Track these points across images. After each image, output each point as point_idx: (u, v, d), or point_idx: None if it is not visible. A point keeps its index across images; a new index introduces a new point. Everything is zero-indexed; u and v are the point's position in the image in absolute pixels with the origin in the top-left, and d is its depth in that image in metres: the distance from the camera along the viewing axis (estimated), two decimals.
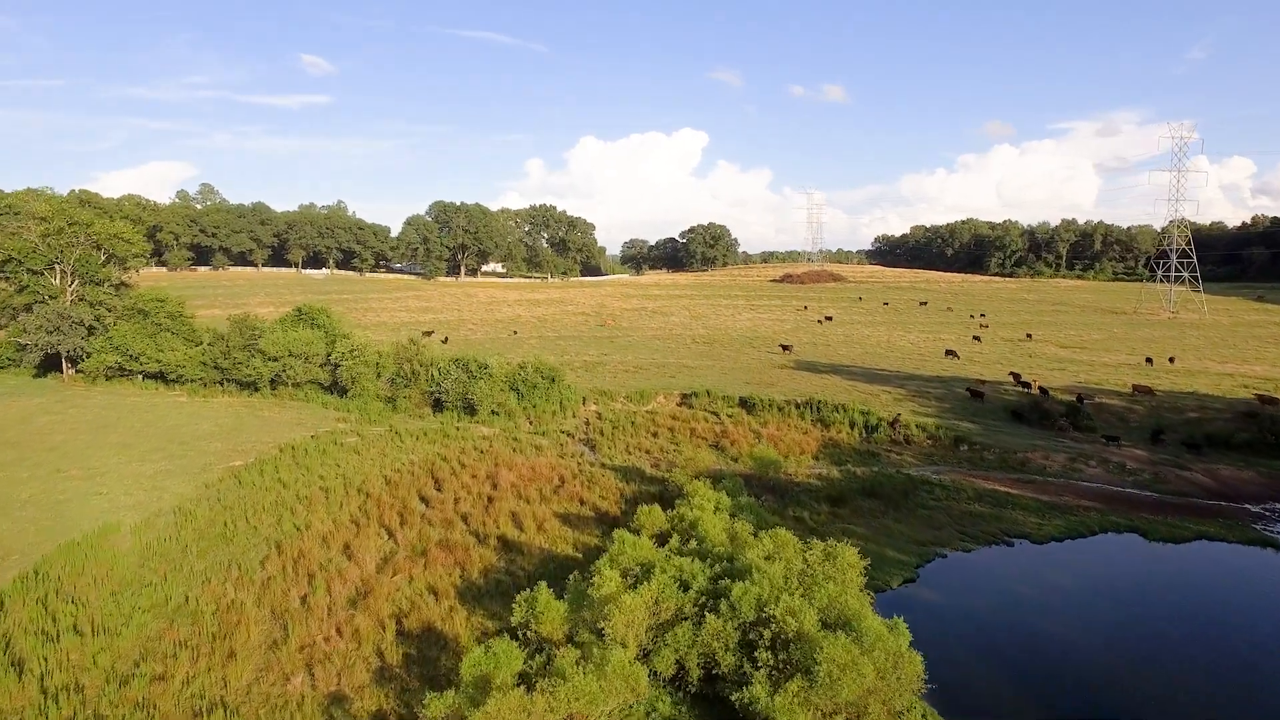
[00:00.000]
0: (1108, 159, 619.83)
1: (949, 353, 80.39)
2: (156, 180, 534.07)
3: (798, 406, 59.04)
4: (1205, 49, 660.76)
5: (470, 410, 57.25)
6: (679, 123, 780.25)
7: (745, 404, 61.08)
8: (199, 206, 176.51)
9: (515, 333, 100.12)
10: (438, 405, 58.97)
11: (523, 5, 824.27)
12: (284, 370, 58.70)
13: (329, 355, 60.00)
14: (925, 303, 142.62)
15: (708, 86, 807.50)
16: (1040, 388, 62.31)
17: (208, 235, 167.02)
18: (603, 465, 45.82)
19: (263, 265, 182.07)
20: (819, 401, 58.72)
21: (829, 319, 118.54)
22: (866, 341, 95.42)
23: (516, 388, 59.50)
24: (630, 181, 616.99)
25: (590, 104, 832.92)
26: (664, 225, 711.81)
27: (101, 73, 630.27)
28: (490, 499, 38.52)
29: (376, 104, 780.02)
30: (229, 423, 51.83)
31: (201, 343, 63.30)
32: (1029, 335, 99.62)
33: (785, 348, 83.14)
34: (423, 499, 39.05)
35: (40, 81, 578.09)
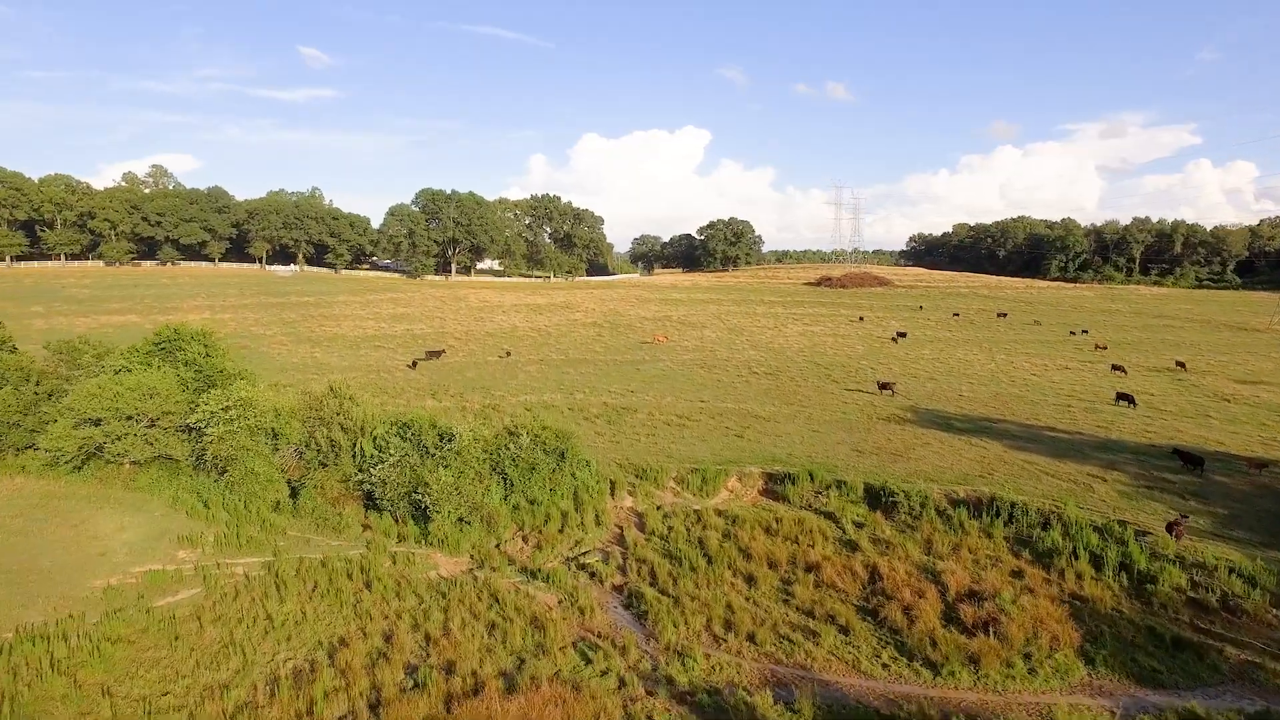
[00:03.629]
0: (1111, 161, 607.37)
1: (1122, 397, 56.55)
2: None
3: (972, 510, 35.35)
4: (1214, 52, 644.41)
5: (422, 515, 33.59)
6: (682, 120, 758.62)
7: (875, 498, 37.42)
8: (147, 191, 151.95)
9: (508, 353, 76.36)
10: (370, 502, 35.33)
11: (526, 1, 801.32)
12: (108, 441, 34.82)
13: (191, 413, 36.11)
14: (1005, 314, 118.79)
15: (711, 84, 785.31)
16: None
17: (151, 224, 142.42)
18: (669, 686, 22.13)
19: (220, 260, 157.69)
20: (1012, 503, 34.95)
21: (902, 335, 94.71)
22: (973, 371, 71.63)
23: (503, 470, 35.91)
24: (633, 179, 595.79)
25: (593, 100, 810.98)
26: (667, 223, 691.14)
27: (109, 65, 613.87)
28: None
29: (382, 99, 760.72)
30: None
31: (5, 384, 39.52)
32: (1179, 364, 75.82)
33: (885, 387, 59.19)
34: None
35: (48, 74, 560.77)
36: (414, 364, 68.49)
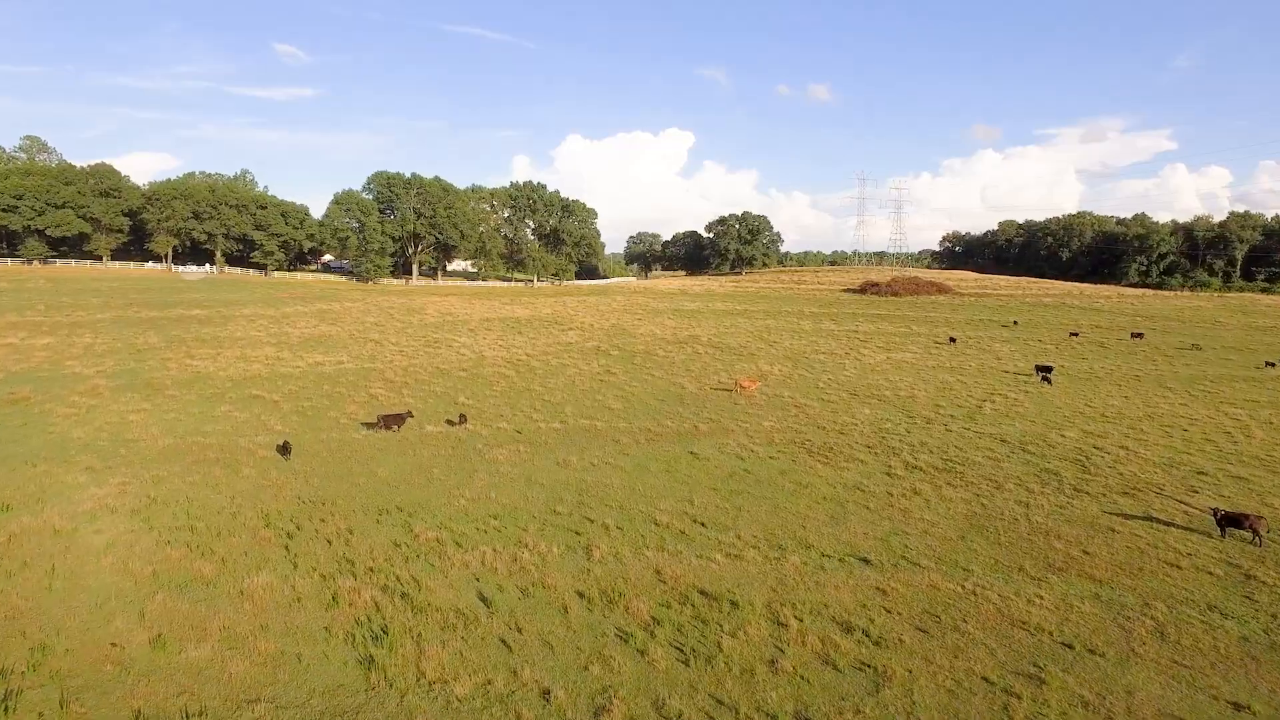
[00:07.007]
0: (1091, 165, 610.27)
1: None
2: (138, 171, 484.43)
3: None
4: (1191, 58, 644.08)
5: None
6: (665, 122, 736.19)
7: None
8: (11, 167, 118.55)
9: (463, 418, 45.28)
10: None
11: (509, 0, 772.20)
12: None
13: None
14: (1141, 334, 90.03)
15: (694, 85, 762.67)
16: None
17: (5, 210, 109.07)
18: None
19: (114, 259, 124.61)
20: None
21: (1047, 370, 65.12)
22: (1266, 453, 41.83)
23: None
24: (618, 181, 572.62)
25: (577, 101, 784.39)
26: (652, 225, 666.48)
27: (83, 59, 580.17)
28: None
29: (363, 99, 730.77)
30: None
31: None
32: None
33: (1232, 522, 28.57)
34: None
35: (18, 68, 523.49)
36: (285, 447, 37.24)
